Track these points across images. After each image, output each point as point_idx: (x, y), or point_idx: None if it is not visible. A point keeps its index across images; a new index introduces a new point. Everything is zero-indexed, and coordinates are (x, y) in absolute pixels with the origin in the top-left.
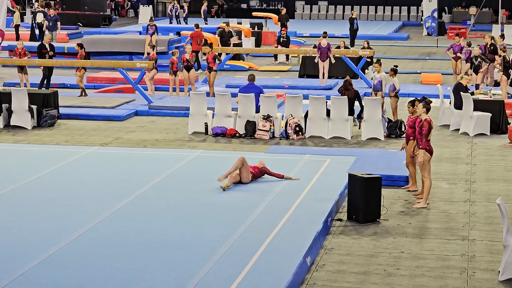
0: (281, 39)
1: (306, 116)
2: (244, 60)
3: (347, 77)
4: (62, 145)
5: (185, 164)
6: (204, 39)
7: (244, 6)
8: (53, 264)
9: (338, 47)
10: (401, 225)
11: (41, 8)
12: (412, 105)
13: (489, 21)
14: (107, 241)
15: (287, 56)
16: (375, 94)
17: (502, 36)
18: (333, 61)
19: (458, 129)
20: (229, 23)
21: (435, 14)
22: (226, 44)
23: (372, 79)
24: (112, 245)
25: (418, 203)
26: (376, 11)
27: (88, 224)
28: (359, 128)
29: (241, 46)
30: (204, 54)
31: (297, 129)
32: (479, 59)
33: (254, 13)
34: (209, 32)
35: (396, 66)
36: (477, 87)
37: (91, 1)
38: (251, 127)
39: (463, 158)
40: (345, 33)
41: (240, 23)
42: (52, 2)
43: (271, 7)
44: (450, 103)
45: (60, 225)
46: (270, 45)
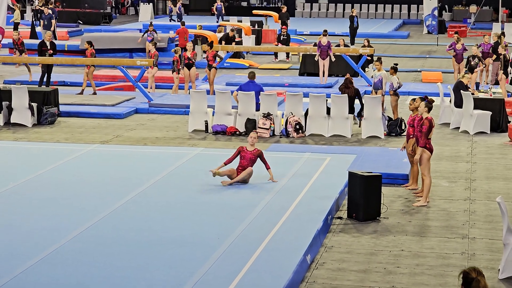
0: (282, 37)
1: (306, 114)
2: (244, 58)
3: (348, 75)
4: (62, 143)
5: (185, 162)
6: (205, 37)
7: (245, 4)
8: (53, 262)
9: (338, 45)
10: (401, 223)
11: (51, 6)
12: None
13: (490, 20)
14: (107, 239)
15: (288, 54)
16: (375, 92)
17: (503, 34)
18: (333, 59)
19: (458, 128)
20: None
21: (435, 12)
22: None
23: (373, 77)
24: (112, 243)
25: (418, 201)
26: (377, 9)
27: (88, 222)
28: (359, 126)
29: (242, 44)
30: (205, 52)
31: (297, 127)
32: (476, 59)
33: (255, 11)
34: (209, 31)
35: (396, 64)
36: (477, 86)
37: None
38: (251, 125)
39: (463, 157)
40: (345, 31)
41: (241, 21)
42: (53, 0)
43: (272, 5)
44: (450, 102)
45: (60, 223)
46: (271, 43)
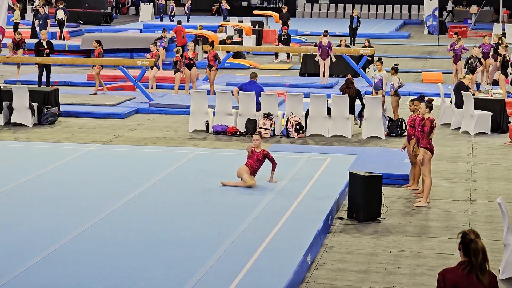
0: (282, 37)
1: (307, 115)
2: (245, 58)
3: (349, 76)
4: (63, 143)
5: (186, 162)
6: (205, 37)
7: (245, 4)
8: (53, 262)
9: (339, 46)
10: (402, 224)
11: (60, 6)
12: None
13: (490, 20)
14: (107, 239)
15: (288, 55)
16: (376, 93)
17: (504, 35)
18: (334, 60)
19: (459, 128)
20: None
21: (436, 13)
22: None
23: (373, 78)
24: (112, 243)
25: (419, 202)
26: (377, 10)
27: (88, 222)
28: (360, 127)
29: (242, 44)
30: (205, 53)
31: (298, 128)
32: (474, 60)
33: (255, 11)
34: (210, 31)
35: (397, 65)
36: (478, 87)
37: None
38: (252, 125)
39: (464, 157)
40: (346, 32)
41: (241, 21)
42: (53, 0)
43: (272, 5)
44: (451, 102)
45: (60, 223)
46: (271, 43)
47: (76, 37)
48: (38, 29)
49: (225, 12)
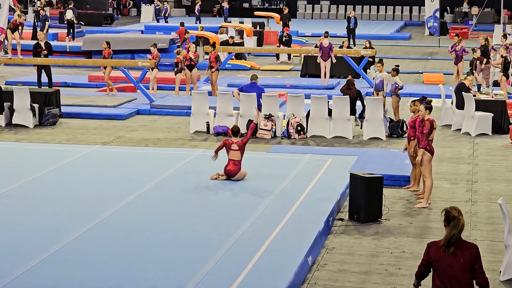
0: (283, 39)
1: (308, 116)
2: (246, 60)
3: (350, 77)
4: (64, 144)
5: (187, 163)
6: (206, 38)
7: (246, 6)
8: (54, 263)
9: (341, 47)
10: (403, 225)
11: (71, 6)
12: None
13: (491, 21)
14: (108, 240)
15: (289, 56)
16: (377, 94)
17: (505, 36)
18: (334, 61)
19: (460, 129)
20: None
21: (437, 14)
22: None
23: (374, 79)
24: (113, 244)
25: (420, 203)
26: (378, 11)
27: (90, 223)
28: (361, 128)
29: (243, 46)
30: (207, 54)
31: (299, 129)
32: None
33: (256, 13)
34: (211, 32)
35: (397, 66)
36: (479, 88)
37: (93, 0)
38: None
39: (465, 158)
40: (346, 33)
41: (242, 23)
42: (54, 1)
43: (273, 7)
44: (452, 103)
45: (61, 224)
46: (272, 45)
47: (77, 38)
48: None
49: (226, 14)
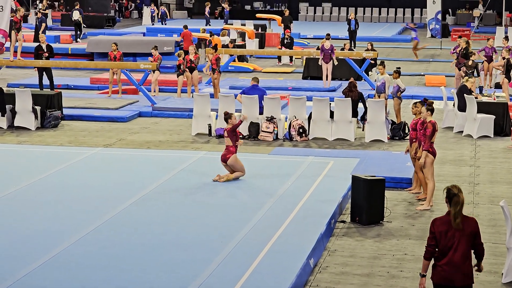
0: (285, 41)
1: (310, 118)
2: (248, 62)
3: (352, 79)
4: (66, 146)
5: (189, 166)
6: (209, 40)
7: (248, 8)
8: (57, 265)
9: (343, 49)
10: (405, 227)
11: (76, 7)
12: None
13: (493, 23)
14: (110, 242)
15: (291, 58)
16: (378, 96)
17: (506, 38)
18: (336, 63)
19: (462, 131)
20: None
21: (439, 16)
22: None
23: (376, 81)
24: (115, 246)
25: (422, 205)
26: (380, 13)
27: (91, 225)
28: (363, 130)
29: (245, 48)
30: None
31: (301, 131)
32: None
33: (258, 15)
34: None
35: (399, 68)
36: (481, 90)
37: (95, 2)
38: (255, 129)
39: (467, 160)
40: (347, 35)
41: (244, 25)
42: (56, 3)
43: (275, 9)
44: (454, 105)
45: (63, 226)
46: (274, 47)
47: (80, 40)
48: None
49: (227, 16)
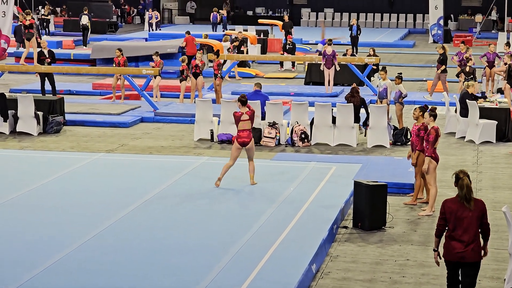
0: (287, 46)
1: (312, 123)
2: (250, 67)
3: (354, 85)
4: (68, 152)
5: (191, 171)
6: (210, 46)
7: (250, 13)
8: (59, 271)
9: (345, 55)
10: (407, 233)
11: (85, 12)
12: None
13: (495, 29)
14: (112, 248)
15: (293, 63)
16: (381, 102)
17: (508, 44)
18: (338, 69)
19: (464, 137)
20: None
21: (441, 22)
22: (240, 51)
23: (378, 87)
24: (117, 252)
25: (424, 211)
26: (382, 19)
27: (94, 231)
28: (365, 136)
29: (247, 53)
30: (211, 61)
31: (303, 136)
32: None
33: (260, 20)
34: (215, 39)
35: (400, 73)
36: (483, 96)
37: (97, 8)
38: (257, 134)
39: (469, 166)
40: (349, 41)
41: (246, 30)
42: (59, 9)
43: (277, 14)
44: (456, 111)
45: (66, 232)
46: (276, 52)
47: (79, 47)
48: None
49: (225, 21)
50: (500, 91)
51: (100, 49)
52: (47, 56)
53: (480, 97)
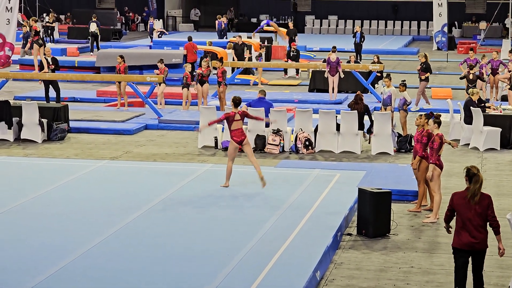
0: (291, 54)
1: (316, 131)
2: (254, 74)
3: (358, 92)
4: (72, 159)
5: (195, 178)
6: (214, 53)
7: (254, 21)
8: (63, 278)
9: (349, 62)
10: (411, 240)
11: (94, 19)
12: (427, 119)
13: (499, 36)
14: (117, 255)
15: (297, 71)
16: (385, 109)
17: None
18: (342, 76)
19: (468, 144)
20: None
21: (445, 29)
22: (241, 57)
23: (382, 94)
24: (122, 259)
25: (428, 218)
26: (386, 26)
27: (98, 238)
28: (369, 143)
29: (251, 60)
30: (215, 69)
31: (307, 144)
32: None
33: (264, 28)
34: (220, 47)
35: (404, 81)
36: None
37: (102, 15)
38: (261, 142)
39: None
40: (353, 48)
41: (250, 38)
42: (63, 17)
43: (281, 22)
44: (460, 118)
45: (70, 239)
46: (280, 60)
47: (85, 53)
48: (21, 48)
49: (225, 29)
50: (504, 98)
51: (105, 57)
52: (51, 63)
53: (487, 103)
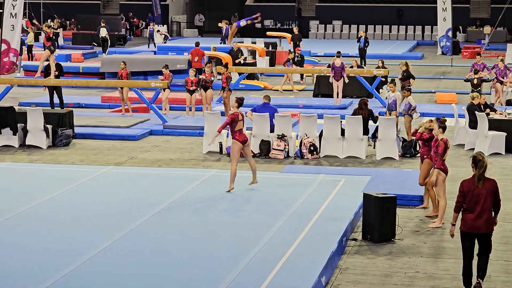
0: (296, 59)
1: (321, 136)
2: (259, 80)
3: (364, 98)
4: (77, 165)
5: (200, 184)
6: (219, 59)
7: (259, 26)
8: (68, 284)
9: (352, 67)
10: (416, 245)
11: (103, 24)
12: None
13: (504, 41)
14: (122, 261)
15: (302, 76)
16: (389, 114)
17: None
18: (347, 81)
19: (473, 149)
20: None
21: (450, 34)
22: (234, 61)
23: (387, 99)
24: (127, 265)
25: (433, 223)
26: (390, 30)
27: (103, 244)
28: (374, 148)
29: (256, 66)
30: (219, 74)
31: (312, 149)
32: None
33: (268, 33)
34: (224, 52)
35: (409, 85)
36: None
37: (106, 21)
38: (266, 147)
39: None
40: (358, 53)
41: (255, 43)
42: (68, 22)
43: (285, 27)
44: (465, 123)
45: (75, 245)
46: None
47: (90, 59)
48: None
49: (225, 34)
50: (509, 103)
51: (109, 63)
52: (55, 69)
53: (491, 106)
